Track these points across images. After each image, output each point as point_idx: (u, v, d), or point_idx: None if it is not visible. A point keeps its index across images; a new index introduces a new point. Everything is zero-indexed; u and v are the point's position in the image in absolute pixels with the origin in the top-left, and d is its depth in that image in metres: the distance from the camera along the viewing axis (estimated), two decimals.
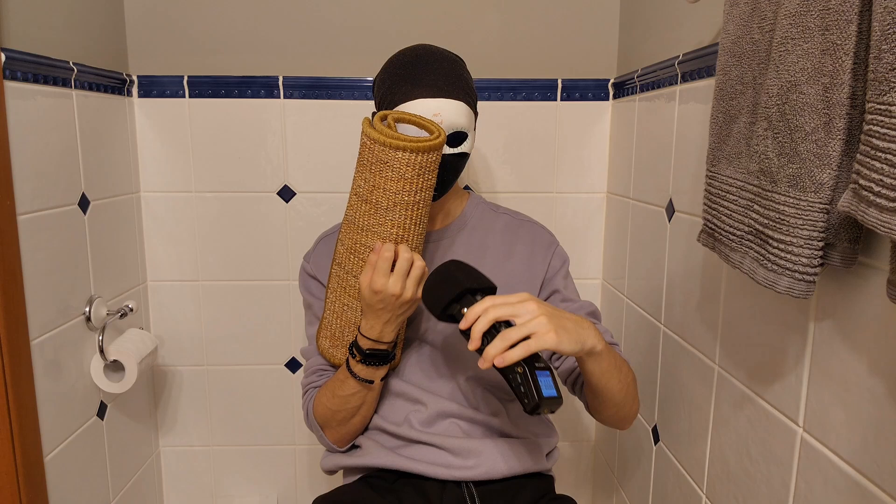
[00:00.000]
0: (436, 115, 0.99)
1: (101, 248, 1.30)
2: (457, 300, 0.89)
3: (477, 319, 0.82)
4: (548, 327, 0.81)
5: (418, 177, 0.93)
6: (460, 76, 1.04)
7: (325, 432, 1.10)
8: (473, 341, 0.82)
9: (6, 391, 0.99)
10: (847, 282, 0.68)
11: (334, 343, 1.08)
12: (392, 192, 0.94)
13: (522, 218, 1.18)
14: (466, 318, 0.83)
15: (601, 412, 1.04)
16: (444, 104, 0.99)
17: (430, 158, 0.93)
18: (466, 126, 1.02)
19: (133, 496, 1.46)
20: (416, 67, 1.01)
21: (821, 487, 0.73)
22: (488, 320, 0.82)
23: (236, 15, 1.44)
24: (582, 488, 1.70)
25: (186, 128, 1.47)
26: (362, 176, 0.96)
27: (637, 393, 1.05)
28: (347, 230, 1.00)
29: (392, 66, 1.04)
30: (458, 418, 1.08)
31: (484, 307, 0.83)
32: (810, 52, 0.61)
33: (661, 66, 1.17)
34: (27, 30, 1.07)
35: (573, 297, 1.13)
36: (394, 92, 1.01)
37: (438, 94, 0.99)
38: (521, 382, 0.81)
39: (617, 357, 0.97)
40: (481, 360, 0.80)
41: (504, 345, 0.79)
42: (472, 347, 0.82)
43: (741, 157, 0.76)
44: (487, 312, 0.82)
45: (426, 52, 1.04)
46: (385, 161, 0.92)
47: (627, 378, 0.99)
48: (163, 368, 1.58)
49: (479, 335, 0.82)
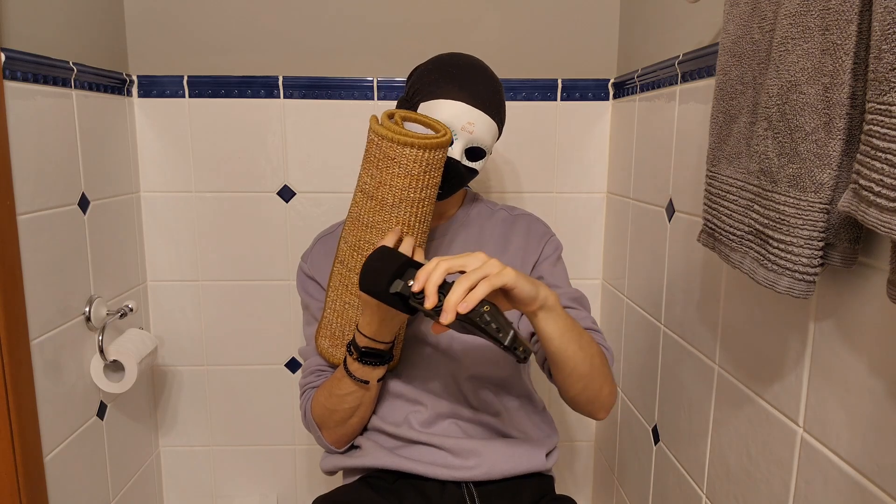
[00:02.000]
0: (469, 124, 1.00)
1: (101, 248, 1.30)
2: (399, 275, 0.86)
3: (429, 276, 0.81)
4: (502, 267, 0.80)
5: (424, 173, 0.95)
6: (502, 100, 1.07)
7: (322, 433, 1.10)
8: (429, 298, 0.79)
9: (6, 391, 0.99)
10: (847, 282, 0.68)
11: (334, 343, 1.08)
12: (398, 188, 0.95)
13: (518, 212, 1.18)
14: (418, 278, 0.81)
15: (568, 388, 0.98)
16: (480, 117, 1.01)
17: (437, 156, 0.94)
18: (489, 145, 1.04)
19: (133, 496, 1.46)
20: (467, 73, 1.03)
21: (821, 487, 0.73)
22: (441, 272, 0.80)
23: (236, 15, 1.44)
24: (582, 488, 1.70)
25: (186, 128, 1.47)
26: (368, 172, 0.97)
27: (610, 376, 1.00)
28: (352, 227, 1.01)
29: (442, 62, 1.05)
30: (458, 419, 1.08)
31: (434, 264, 0.82)
32: (810, 52, 0.61)
33: (661, 66, 1.17)
34: (27, 30, 1.07)
35: (559, 283, 1.11)
36: (438, 85, 1.01)
37: (479, 106, 1.01)
38: (492, 319, 0.78)
39: (579, 327, 0.94)
40: (443, 314, 0.77)
41: (463, 288, 0.78)
42: (428, 305, 0.79)
43: (741, 157, 0.76)
44: (439, 266, 0.81)
45: (480, 65, 1.06)
46: (392, 157, 0.94)
47: (592, 348, 0.95)
48: (163, 368, 1.58)
49: (433, 289, 0.79)
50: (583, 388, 0.96)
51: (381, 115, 0.98)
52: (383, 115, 0.98)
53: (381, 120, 0.97)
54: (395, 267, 0.87)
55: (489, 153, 1.07)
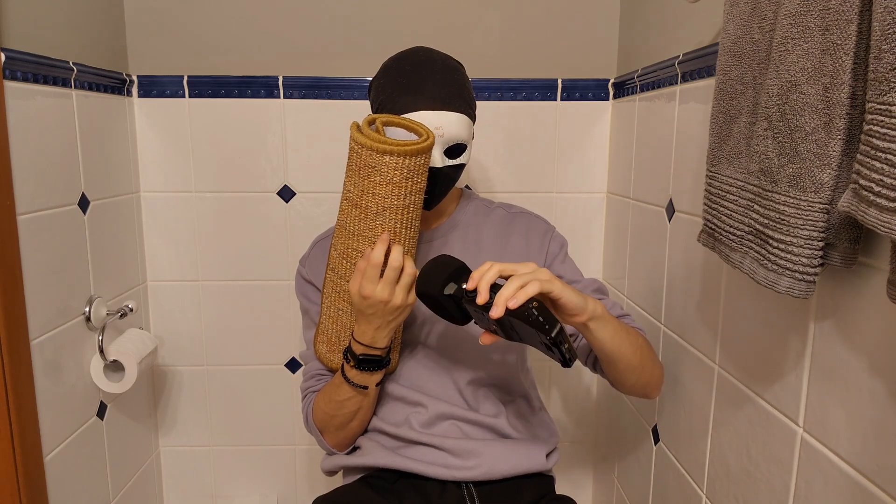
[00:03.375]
0: (437, 128, 0.98)
1: (101, 248, 1.30)
2: (453, 278, 0.90)
3: (483, 276, 0.84)
4: (551, 276, 0.84)
5: (407, 180, 0.93)
6: (462, 86, 1.02)
7: (324, 437, 1.10)
8: (482, 294, 0.83)
9: (6, 391, 0.99)
10: (847, 282, 0.68)
11: (331, 348, 1.08)
12: (381, 196, 0.93)
13: (516, 210, 1.18)
14: (472, 278, 0.86)
15: (623, 382, 1.02)
16: (446, 118, 0.98)
17: (419, 161, 0.92)
18: (466, 138, 1.02)
19: (133, 496, 1.46)
20: (417, 77, 0.99)
21: (821, 487, 0.73)
22: (494, 272, 0.84)
23: (236, 15, 1.44)
24: (582, 488, 1.70)
25: (186, 128, 1.47)
26: (352, 181, 0.95)
27: (656, 356, 1.05)
28: (340, 235, 1.00)
29: (391, 72, 1.02)
30: (458, 420, 1.08)
31: (488, 266, 0.85)
32: (810, 52, 0.61)
33: (661, 66, 1.17)
34: (27, 30, 1.07)
35: (576, 277, 1.12)
36: (394, 101, 0.99)
37: (440, 107, 0.98)
38: (540, 313, 0.81)
39: (623, 324, 0.98)
40: (493, 307, 0.80)
41: (515, 286, 0.81)
42: (480, 301, 0.83)
43: (741, 157, 0.76)
44: (493, 267, 0.85)
45: (427, 59, 1.02)
46: (373, 165, 0.92)
47: (638, 340, 1.00)
48: (163, 368, 1.58)
49: (486, 286, 0.83)
50: (636, 378, 1.02)
51: (362, 122, 0.96)
52: (364, 121, 0.96)
53: (362, 126, 0.95)
54: (450, 270, 0.90)
55: (469, 143, 1.04)
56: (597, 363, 1.06)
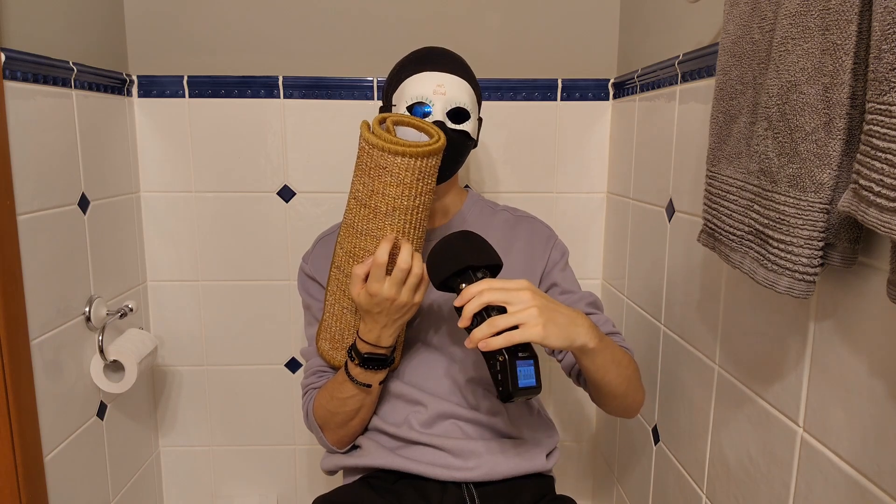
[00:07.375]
0: (439, 86, 1.01)
1: (101, 248, 1.30)
2: (458, 275, 0.90)
3: (471, 300, 0.84)
4: (537, 320, 0.82)
5: (418, 181, 0.92)
6: (466, 66, 1.10)
7: (324, 434, 1.10)
8: (464, 320, 0.85)
9: (6, 391, 0.99)
10: (847, 282, 0.68)
11: (334, 346, 1.08)
12: (391, 196, 0.92)
13: (520, 214, 1.18)
14: (461, 296, 0.86)
15: (604, 404, 1.07)
16: (448, 78, 1.03)
17: (430, 163, 0.92)
18: (469, 104, 1.05)
19: (133, 496, 1.46)
20: (429, 52, 1.08)
21: (821, 487, 0.73)
22: (480, 303, 0.83)
23: (236, 15, 1.44)
24: (582, 488, 1.70)
25: (186, 128, 1.47)
26: (361, 180, 0.95)
27: (640, 383, 1.06)
28: (346, 234, 0.99)
29: (404, 58, 1.10)
30: (458, 419, 1.08)
31: (479, 289, 0.84)
32: (810, 52, 0.61)
33: (661, 66, 1.17)
34: (27, 30, 1.07)
35: (573, 288, 1.13)
36: (402, 72, 1.06)
37: (444, 70, 1.04)
38: (500, 370, 0.83)
39: (615, 350, 0.97)
40: (468, 339, 0.83)
41: (490, 331, 0.81)
42: (461, 325, 0.85)
43: (741, 157, 0.76)
44: (482, 295, 0.84)
45: (436, 48, 1.11)
46: (384, 166, 0.91)
47: (627, 371, 1.00)
48: (163, 368, 1.58)
49: (469, 315, 0.84)
50: (618, 404, 1.05)
51: (373, 121, 0.96)
52: (374, 120, 0.96)
53: (372, 126, 0.94)
54: (455, 268, 0.90)
55: (474, 116, 1.07)
56: (580, 377, 1.08)
